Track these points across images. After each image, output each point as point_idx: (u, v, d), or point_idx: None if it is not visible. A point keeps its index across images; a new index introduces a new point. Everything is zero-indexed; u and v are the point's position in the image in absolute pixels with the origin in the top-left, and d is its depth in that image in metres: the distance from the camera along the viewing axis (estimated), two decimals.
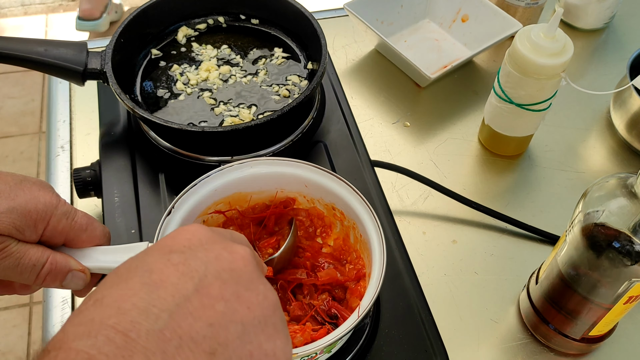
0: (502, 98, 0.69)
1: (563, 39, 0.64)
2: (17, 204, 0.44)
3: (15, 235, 0.44)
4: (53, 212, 0.46)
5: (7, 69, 2.03)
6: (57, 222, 0.46)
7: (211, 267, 0.32)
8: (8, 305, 1.55)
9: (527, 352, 0.61)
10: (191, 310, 0.30)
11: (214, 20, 0.79)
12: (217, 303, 0.31)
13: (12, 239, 0.44)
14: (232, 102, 0.70)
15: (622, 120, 0.77)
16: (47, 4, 2.32)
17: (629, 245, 0.46)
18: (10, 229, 0.43)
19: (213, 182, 0.54)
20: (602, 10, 0.90)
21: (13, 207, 0.44)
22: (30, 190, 0.45)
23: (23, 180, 0.46)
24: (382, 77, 0.85)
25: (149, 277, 0.31)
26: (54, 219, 0.46)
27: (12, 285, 0.50)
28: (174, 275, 0.31)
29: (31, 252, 0.45)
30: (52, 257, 0.46)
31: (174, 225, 0.52)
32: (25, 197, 0.45)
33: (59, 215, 0.46)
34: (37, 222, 0.45)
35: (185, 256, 0.32)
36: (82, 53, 0.66)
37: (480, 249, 0.68)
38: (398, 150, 0.77)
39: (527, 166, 0.76)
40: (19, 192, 0.45)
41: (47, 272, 0.46)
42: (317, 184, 0.55)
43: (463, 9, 0.87)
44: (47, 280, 0.46)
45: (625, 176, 0.48)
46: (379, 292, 0.48)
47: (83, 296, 0.52)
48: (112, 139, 0.70)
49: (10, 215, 0.43)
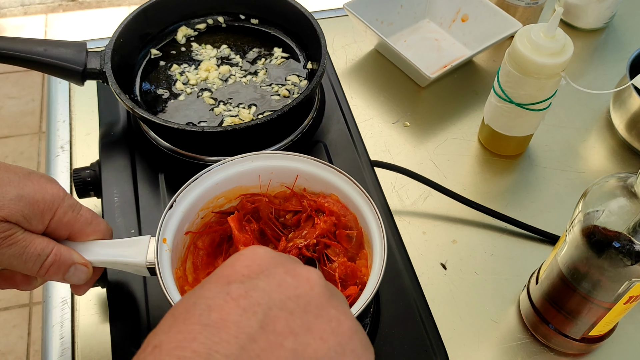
0: (502, 98, 0.69)
1: (563, 38, 0.64)
2: (26, 192, 0.45)
3: (22, 224, 0.45)
4: (60, 203, 0.47)
5: (7, 69, 2.03)
6: (63, 214, 0.47)
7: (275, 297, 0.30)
8: (8, 305, 1.55)
9: (527, 352, 0.61)
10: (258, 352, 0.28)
11: (214, 20, 0.79)
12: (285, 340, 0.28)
13: (19, 227, 0.45)
14: (231, 102, 0.70)
15: (622, 120, 0.77)
16: (47, 4, 2.32)
17: (629, 245, 0.46)
18: (18, 217, 0.44)
19: (214, 176, 0.55)
20: (602, 10, 0.90)
21: (22, 196, 0.44)
22: (39, 181, 0.46)
23: (31, 173, 0.47)
24: (382, 77, 0.85)
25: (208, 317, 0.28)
26: (61, 210, 0.47)
27: (14, 279, 0.50)
28: (235, 312, 0.29)
29: (37, 241, 0.46)
30: (56, 249, 0.47)
31: (175, 219, 0.52)
32: (33, 187, 0.45)
33: (65, 207, 0.47)
34: (44, 212, 0.46)
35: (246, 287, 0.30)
36: (81, 53, 0.66)
37: (480, 249, 0.68)
38: (398, 150, 0.77)
39: (527, 166, 0.76)
40: (28, 183, 0.46)
41: (51, 263, 0.46)
42: (318, 177, 0.56)
43: (463, 9, 0.87)
44: (50, 271, 0.47)
45: (625, 176, 0.48)
46: (379, 287, 0.48)
47: (81, 293, 0.53)
48: (111, 139, 0.70)
49: (19, 203, 0.44)
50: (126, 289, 0.58)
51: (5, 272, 0.50)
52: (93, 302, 0.61)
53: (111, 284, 0.58)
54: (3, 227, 0.43)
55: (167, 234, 0.51)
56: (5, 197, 0.43)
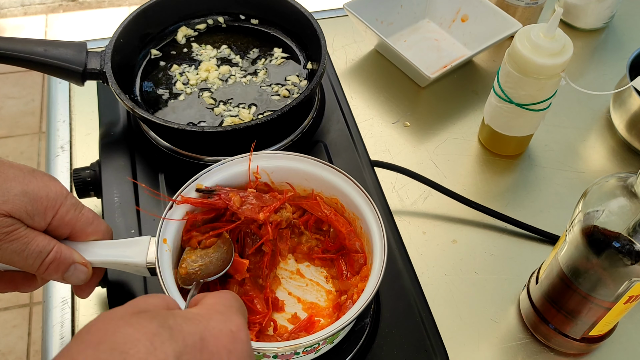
0: (502, 98, 0.69)
1: (563, 38, 0.64)
2: (30, 189, 0.45)
3: (25, 220, 0.45)
4: (63, 201, 0.47)
5: (7, 69, 2.03)
6: (65, 212, 0.47)
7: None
8: (8, 305, 1.55)
9: (527, 352, 0.61)
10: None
11: (214, 20, 0.79)
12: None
13: (22, 224, 0.45)
14: (231, 102, 0.70)
15: (622, 120, 0.77)
16: (47, 4, 2.32)
17: (629, 245, 0.46)
18: (21, 213, 0.44)
19: (214, 176, 0.55)
20: (602, 10, 0.90)
21: (26, 192, 0.44)
22: (42, 178, 0.47)
23: (35, 170, 0.47)
24: (382, 77, 0.85)
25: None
26: (63, 208, 0.47)
27: (14, 281, 0.50)
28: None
29: (39, 238, 0.46)
30: (57, 247, 0.47)
31: (175, 220, 0.52)
32: (37, 184, 0.46)
33: (67, 205, 0.47)
34: (47, 209, 0.46)
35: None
36: (81, 53, 0.66)
37: (480, 249, 0.68)
38: (398, 150, 0.77)
39: (527, 166, 0.76)
40: (32, 179, 0.46)
41: (51, 261, 0.46)
42: (318, 176, 0.56)
43: (463, 9, 0.87)
44: (50, 269, 0.47)
45: (625, 176, 0.48)
46: (379, 286, 0.48)
47: (84, 296, 0.53)
48: (111, 139, 0.70)
49: (23, 199, 0.44)
50: (126, 288, 0.58)
51: (5, 274, 0.50)
52: (93, 302, 0.61)
53: (111, 283, 0.58)
54: (6, 222, 0.43)
55: (168, 234, 0.51)
56: (10, 192, 0.44)
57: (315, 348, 0.49)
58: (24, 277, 0.50)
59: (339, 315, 0.53)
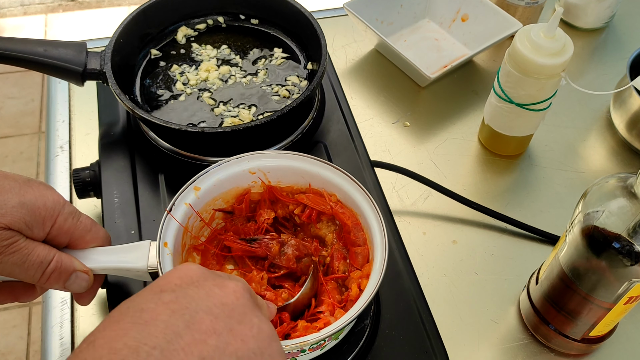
0: (502, 98, 0.69)
1: (563, 38, 0.64)
2: (27, 200, 0.45)
3: (24, 231, 0.45)
4: (60, 210, 0.47)
5: (7, 69, 2.03)
6: (63, 221, 0.47)
7: (202, 303, 0.33)
8: (8, 305, 1.55)
9: (528, 352, 0.61)
10: (182, 345, 0.30)
11: (214, 20, 0.79)
12: (209, 337, 0.31)
13: (21, 235, 0.44)
14: (231, 103, 0.70)
15: (622, 120, 0.77)
16: (47, 4, 2.32)
17: (629, 246, 0.46)
18: (20, 224, 0.44)
19: (212, 177, 0.55)
20: (602, 10, 0.90)
21: (23, 203, 0.44)
22: (38, 188, 0.46)
23: (30, 180, 0.47)
24: (382, 77, 0.85)
25: (139, 317, 0.31)
26: (61, 217, 0.47)
27: (14, 292, 0.50)
28: (164, 314, 0.31)
29: (38, 249, 0.46)
30: (57, 256, 0.47)
31: (175, 222, 0.52)
32: (34, 194, 0.45)
33: (65, 214, 0.47)
34: (45, 219, 0.46)
35: (176, 294, 0.33)
36: (81, 53, 0.66)
37: (480, 249, 0.68)
38: (398, 150, 0.77)
39: (527, 166, 0.76)
40: (28, 190, 0.45)
41: (52, 271, 0.46)
42: (315, 174, 0.55)
43: (463, 9, 0.87)
44: (51, 279, 0.47)
45: (625, 176, 0.48)
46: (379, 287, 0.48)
47: (85, 304, 0.53)
48: (111, 139, 0.70)
49: (21, 210, 0.44)
50: (126, 289, 0.58)
51: (5, 285, 0.49)
52: (93, 302, 0.61)
53: (111, 284, 0.58)
54: (5, 235, 0.43)
55: (168, 237, 0.51)
56: (7, 205, 0.43)
57: (320, 345, 0.49)
58: (24, 287, 0.50)
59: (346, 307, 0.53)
